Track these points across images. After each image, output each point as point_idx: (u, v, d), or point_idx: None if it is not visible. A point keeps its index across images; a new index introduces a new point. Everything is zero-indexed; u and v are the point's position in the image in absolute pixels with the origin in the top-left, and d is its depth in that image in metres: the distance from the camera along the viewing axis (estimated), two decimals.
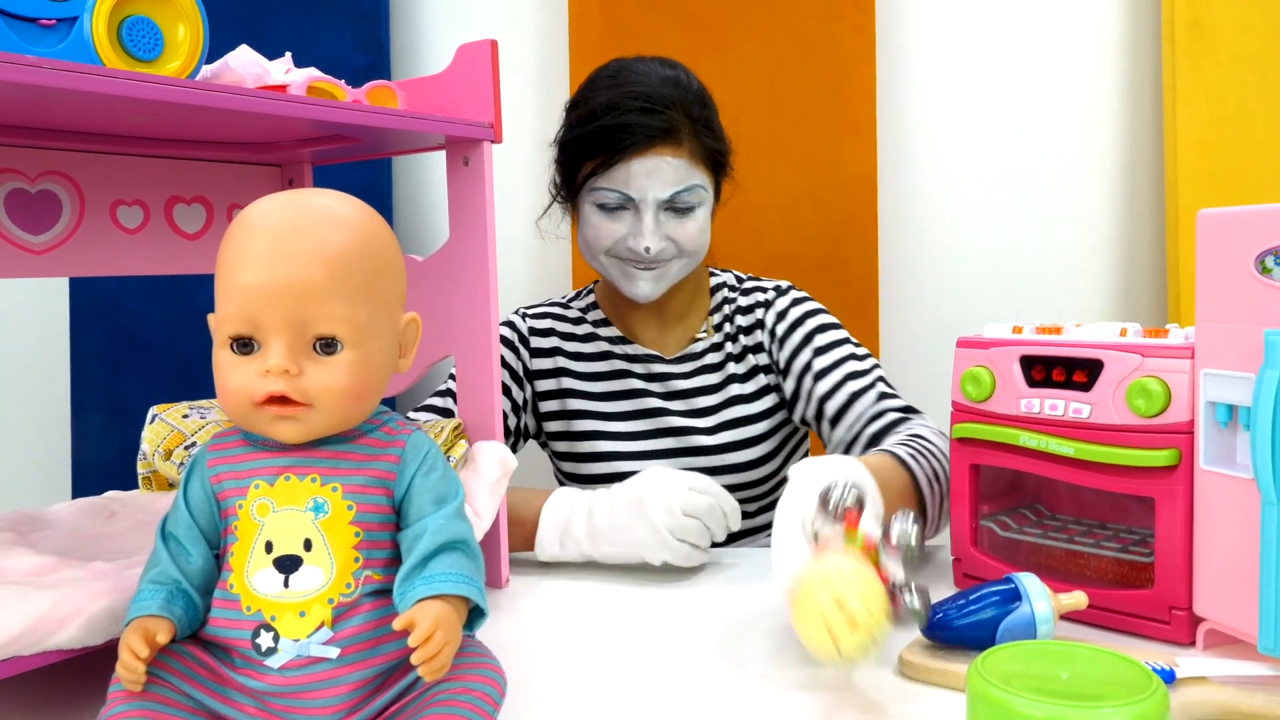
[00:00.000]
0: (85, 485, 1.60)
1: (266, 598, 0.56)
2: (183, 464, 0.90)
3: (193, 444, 0.90)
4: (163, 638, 0.55)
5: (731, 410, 1.19)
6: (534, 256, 1.62)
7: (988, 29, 1.51)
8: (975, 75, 1.52)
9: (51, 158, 0.88)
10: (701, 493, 0.94)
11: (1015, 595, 0.71)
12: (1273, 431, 0.63)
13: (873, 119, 1.52)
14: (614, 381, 1.21)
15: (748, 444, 1.18)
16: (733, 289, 1.24)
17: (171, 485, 0.93)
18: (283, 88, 0.81)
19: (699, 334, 1.22)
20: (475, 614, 0.59)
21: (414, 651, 0.53)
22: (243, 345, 0.57)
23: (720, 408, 1.19)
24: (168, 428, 0.92)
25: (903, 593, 0.65)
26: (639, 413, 1.20)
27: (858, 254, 1.53)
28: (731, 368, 1.20)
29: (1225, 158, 1.40)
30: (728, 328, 1.22)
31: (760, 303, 1.22)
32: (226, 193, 1.02)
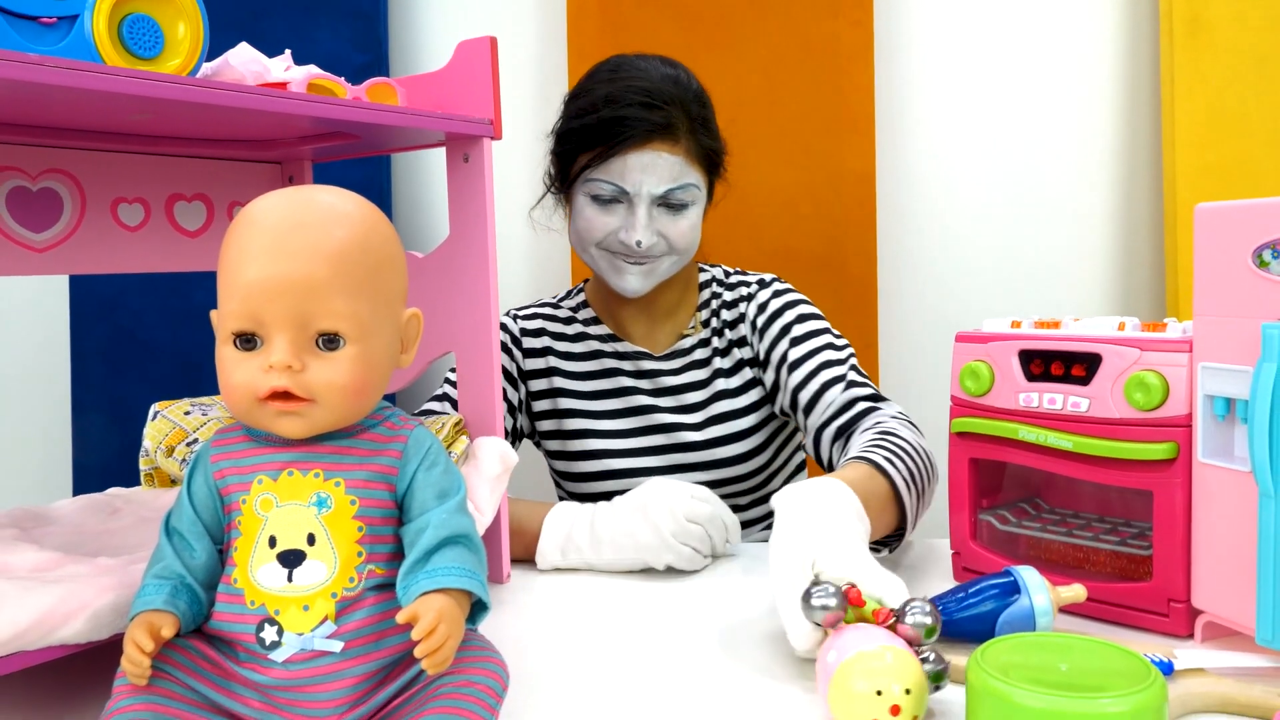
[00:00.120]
0: (86, 483, 1.60)
1: (270, 592, 0.57)
2: (185, 460, 0.90)
3: (195, 440, 0.90)
4: (167, 632, 0.56)
5: (718, 405, 1.19)
6: (533, 252, 1.62)
7: (986, 25, 1.51)
8: (973, 71, 1.52)
9: (52, 155, 0.88)
10: (704, 501, 0.96)
11: (1014, 588, 0.72)
12: (1270, 424, 0.63)
13: (871, 115, 1.52)
14: (604, 380, 1.21)
15: (735, 438, 1.18)
16: (720, 284, 1.25)
17: (174, 482, 0.93)
18: (283, 85, 0.82)
19: (686, 330, 1.22)
20: (478, 608, 0.60)
21: (417, 645, 0.53)
22: (246, 341, 0.57)
23: (707, 403, 1.19)
24: (170, 424, 0.92)
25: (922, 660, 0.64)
26: (628, 410, 1.20)
27: (856, 250, 1.53)
28: (718, 363, 1.20)
29: (1223, 153, 1.40)
30: (714, 323, 1.22)
31: (744, 296, 1.22)
32: (227, 190, 1.02)
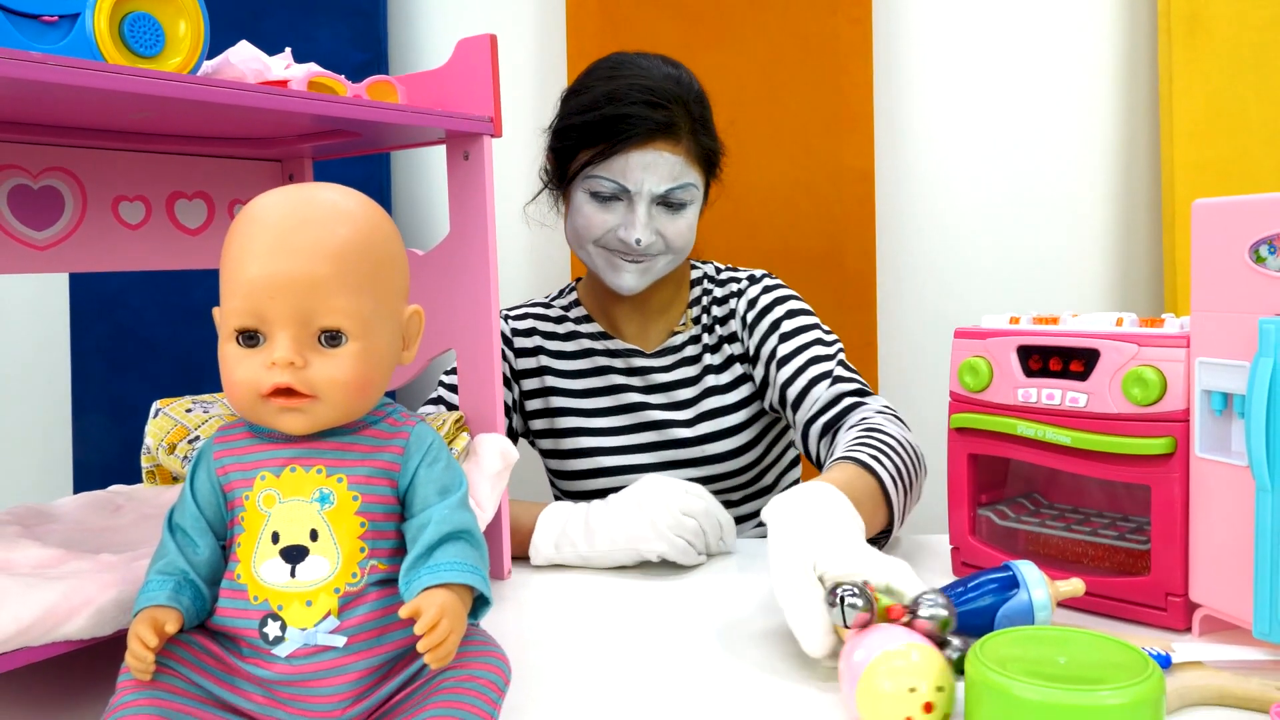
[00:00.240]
0: (86, 481, 1.61)
1: (273, 587, 0.57)
2: (186, 458, 0.90)
3: (196, 438, 0.91)
4: (171, 627, 0.56)
5: (709, 401, 1.19)
6: (532, 250, 1.62)
7: (984, 22, 1.52)
8: (972, 68, 1.52)
9: (54, 154, 0.88)
10: (698, 497, 0.97)
11: (1013, 583, 0.72)
12: (1267, 419, 0.63)
13: (870, 112, 1.53)
14: (595, 378, 1.22)
15: (726, 434, 1.18)
16: (711, 280, 1.25)
17: (175, 479, 0.94)
18: (284, 83, 0.82)
19: (677, 327, 1.22)
20: (480, 603, 0.60)
21: (420, 639, 0.54)
22: (248, 338, 0.58)
23: (698, 399, 1.19)
24: (171, 422, 0.92)
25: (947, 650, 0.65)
26: (620, 408, 1.20)
27: (855, 246, 1.53)
28: (708, 359, 1.21)
29: (1221, 149, 1.40)
30: (705, 319, 1.22)
31: (734, 292, 1.22)
32: (227, 188, 1.02)
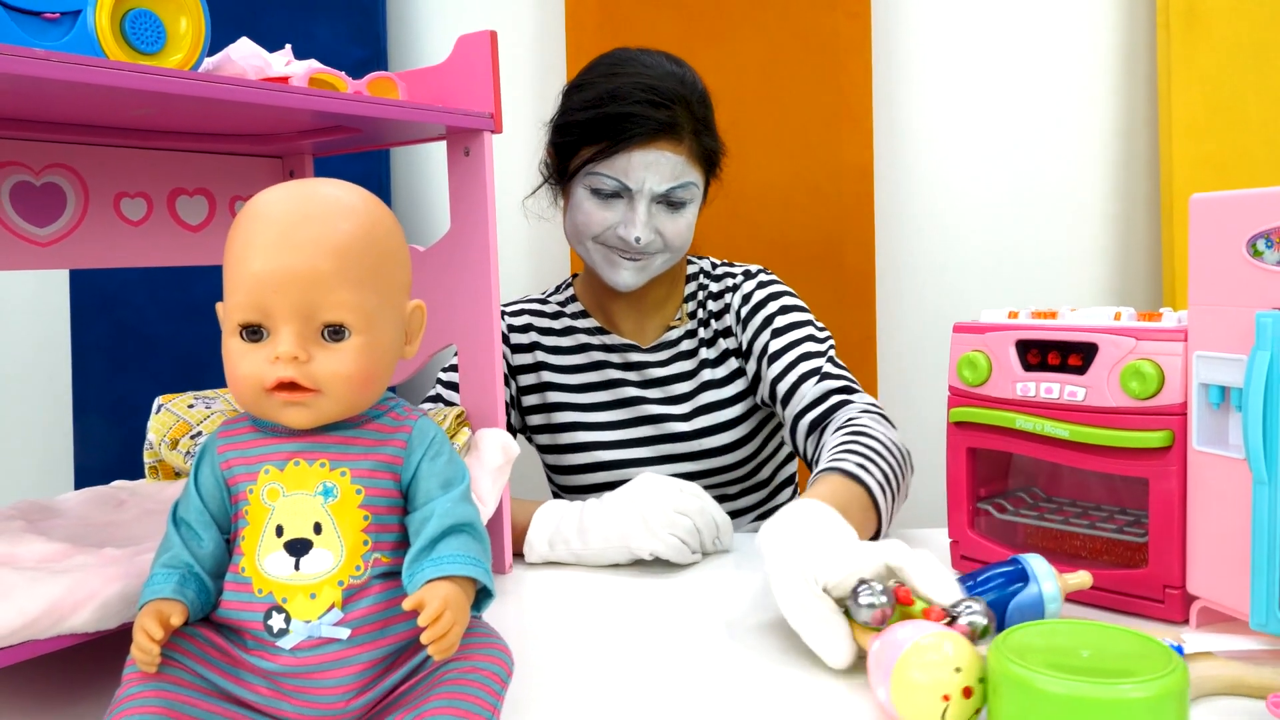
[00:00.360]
0: (87, 479, 1.59)
1: (278, 580, 0.57)
2: (189, 453, 0.90)
3: (198, 433, 0.91)
4: (176, 620, 0.56)
5: (705, 396, 1.20)
6: (532, 245, 1.62)
7: (983, 17, 1.52)
8: (971, 64, 1.53)
9: (56, 150, 0.89)
10: (693, 495, 0.96)
11: (1022, 576, 0.72)
12: (1264, 412, 0.64)
13: (869, 107, 1.53)
14: (592, 373, 1.22)
15: (722, 428, 1.19)
16: (707, 275, 1.25)
17: (178, 474, 0.94)
18: (285, 80, 0.82)
19: (673, 321, 1.23)
20: (482, 595, 0.60)
21: (423, 631, 0.54)
22: (252, 333, 0.58)
23: (694, 394, 1.20)
24: (173, 417, 0.93)
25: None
26: (617, 402, 1.21)
27: (854, 242, 1.54)
28: (704, 353, 1.21)
29: (1220, 144, 1.41)
30: (700, 314, 1.22)
31: (729, 287, 1.23)
32: (228, 184, 1.03)
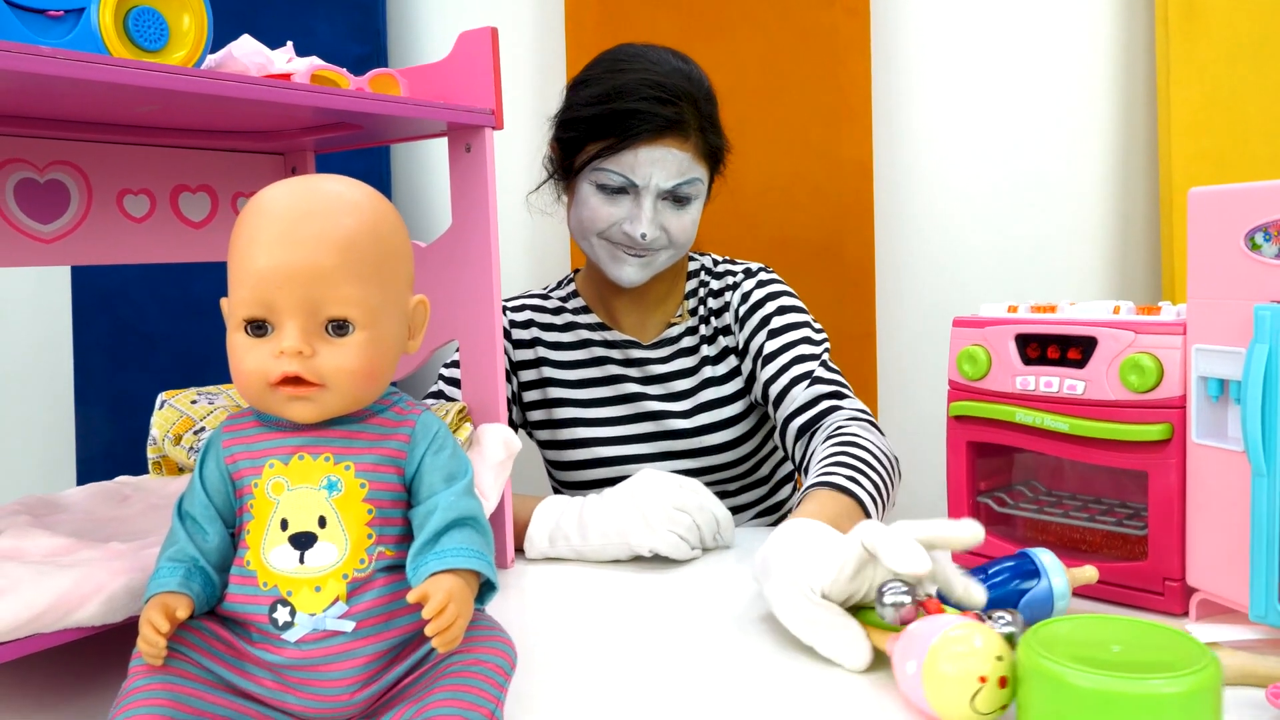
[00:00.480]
0: (90, 476, 1.59)
1: (283, 573, 0.58)
2: (193, 449, 0.91)
3: (202, 429, 0.91)
4: (182, 613, 0.57)
5: (706, 393, 1.20)
6: (533, 241, 1.63)
7: (982, 13, 1.52)
8: (970, 59, 1.52)
9: (59, 148, 0.89)
10: (693, 492, 0.96)
11: (1032, 571, 0.72)
12: (1262, 405, 0.64)
13: (868, 103, 1.53)
14: (593, 369, 1.22)
15: (722, 426, 1.19)
16: (707, 272, 1.25)
17: (181, 470, 0.94)
18: (286, 76, 0.82)
19: (674, 318, 1.23)
20: (485, 588, 0.61)
21: (427, 624, 0.54)
22: (256, 328, 0.58)
23: (695, 391, 1.20)
24: (177, 413, 0.93)
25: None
26: (618, 399, 1.21)
27: (854, 238, 1.54)
28: (705, 351, 1.21)
29: (1218, 138, 1.41)
30: (701, 311, 1.23)
31: (729, 285, 1.23)
32: (231, 181, 1.03)
